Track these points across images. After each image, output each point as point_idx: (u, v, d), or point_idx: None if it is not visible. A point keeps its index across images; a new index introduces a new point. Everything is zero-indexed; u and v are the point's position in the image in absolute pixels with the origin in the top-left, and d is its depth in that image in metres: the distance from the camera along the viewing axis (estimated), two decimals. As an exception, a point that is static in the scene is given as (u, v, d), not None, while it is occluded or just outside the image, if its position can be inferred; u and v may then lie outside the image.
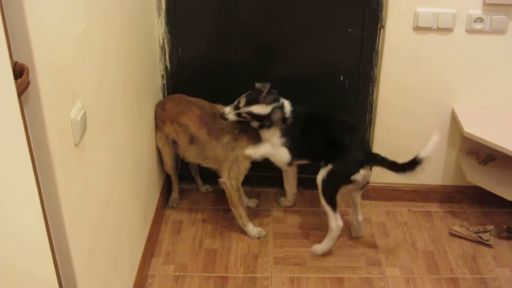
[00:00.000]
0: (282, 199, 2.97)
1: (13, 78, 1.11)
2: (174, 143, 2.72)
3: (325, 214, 2.84)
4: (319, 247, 2.61)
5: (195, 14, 2.67)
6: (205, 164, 2.70)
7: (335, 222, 2.51)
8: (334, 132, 2.51)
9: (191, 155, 2.69)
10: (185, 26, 2.69)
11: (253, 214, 2.86)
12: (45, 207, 1.48)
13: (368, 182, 2.56)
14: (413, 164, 2.33)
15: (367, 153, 2.47)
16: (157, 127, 2.69)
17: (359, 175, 2.42)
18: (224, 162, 2.60)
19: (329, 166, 2.44)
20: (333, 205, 2.50)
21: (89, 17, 1.68)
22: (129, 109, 2.21)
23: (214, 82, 2.81)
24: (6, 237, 1.11)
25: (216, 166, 2.66)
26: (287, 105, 2.50)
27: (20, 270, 1.18)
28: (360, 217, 2.68)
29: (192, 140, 2.62)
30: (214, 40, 2.74)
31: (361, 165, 2.42)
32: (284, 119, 2.47)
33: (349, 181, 2.44)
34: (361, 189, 2.60)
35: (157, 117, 2.69)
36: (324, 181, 2.46)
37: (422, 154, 2.30)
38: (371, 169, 2.48)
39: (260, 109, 2.44)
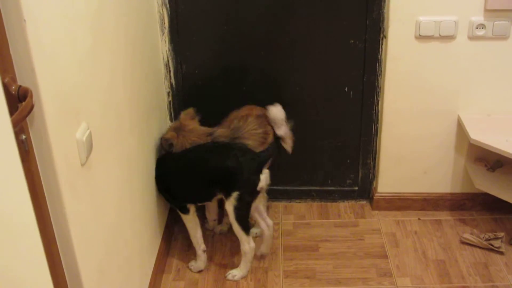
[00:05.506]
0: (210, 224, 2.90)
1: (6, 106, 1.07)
2: None
3: (328, 226, 2.86)
4: (238, 273, 2.55)
5: (198, 31, 2.69)
6: None
7: (248, 244, 2.47)
8: (214, 163, 2.43)
9: None
10: (188, 43, 2.71)
11: (263, 227, 2.86)
12: (54, 227, 1.50)
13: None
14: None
15: (255, 159, 2.39)
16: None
17: (262, 182, 2.39)
18: None
19: (235, 193, 2.35)
20: (247, 228, 2.45)
21: (93, 38, 1.70)
22: (136, 127, 2.23)
23: (219, 97, 2.83)
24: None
25: None
26: None
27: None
28: (269, 221, 2.61)
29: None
30: (217, 56, 2.76)
31: (259, 172, 2.38)
32: None
33: (257, 193, 2.42)
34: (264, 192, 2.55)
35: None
36: (237, 208, 2.38)
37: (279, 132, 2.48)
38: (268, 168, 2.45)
39: None
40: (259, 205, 2.58)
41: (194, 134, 2.52)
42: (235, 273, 2.55)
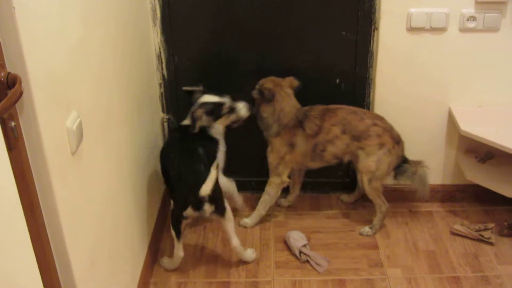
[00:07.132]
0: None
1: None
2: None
3: (325, 217, 2.88)
4: (165, 261, 2.58)
5: (190, 23, 2.69)
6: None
7: (176, 251, 2.49)
8: (170, 165, 2.45)
9: None
10: (180, 35, 2.71)
11: (254, 219, 2.87)
12: (44, 216, 1.50)
13: (221, 211, 2.41)
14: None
15: (191, 194, 2.29)
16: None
17: (189, 212, 2.35)
18: None
19: (172, 200, 2.49)
20: (177, 233, 2.44)
21: (84, 27, 1.70)
22: (128, 117, 2.23)
23: (211, 89, 2.82)
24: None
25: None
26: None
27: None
28: (234, 242, 2.50)
29: None
30: (209, 47, 2.76)
31: (185, 204, 2.33)
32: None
33: (183, 217, 2.39)
34: (223, 218, 2.44)
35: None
36: (171, 212, 2.48)
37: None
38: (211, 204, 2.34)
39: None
40: (226, 227, 2.48)
41: (288, 99, 2.62)
42: (164, 260, 2.58)
